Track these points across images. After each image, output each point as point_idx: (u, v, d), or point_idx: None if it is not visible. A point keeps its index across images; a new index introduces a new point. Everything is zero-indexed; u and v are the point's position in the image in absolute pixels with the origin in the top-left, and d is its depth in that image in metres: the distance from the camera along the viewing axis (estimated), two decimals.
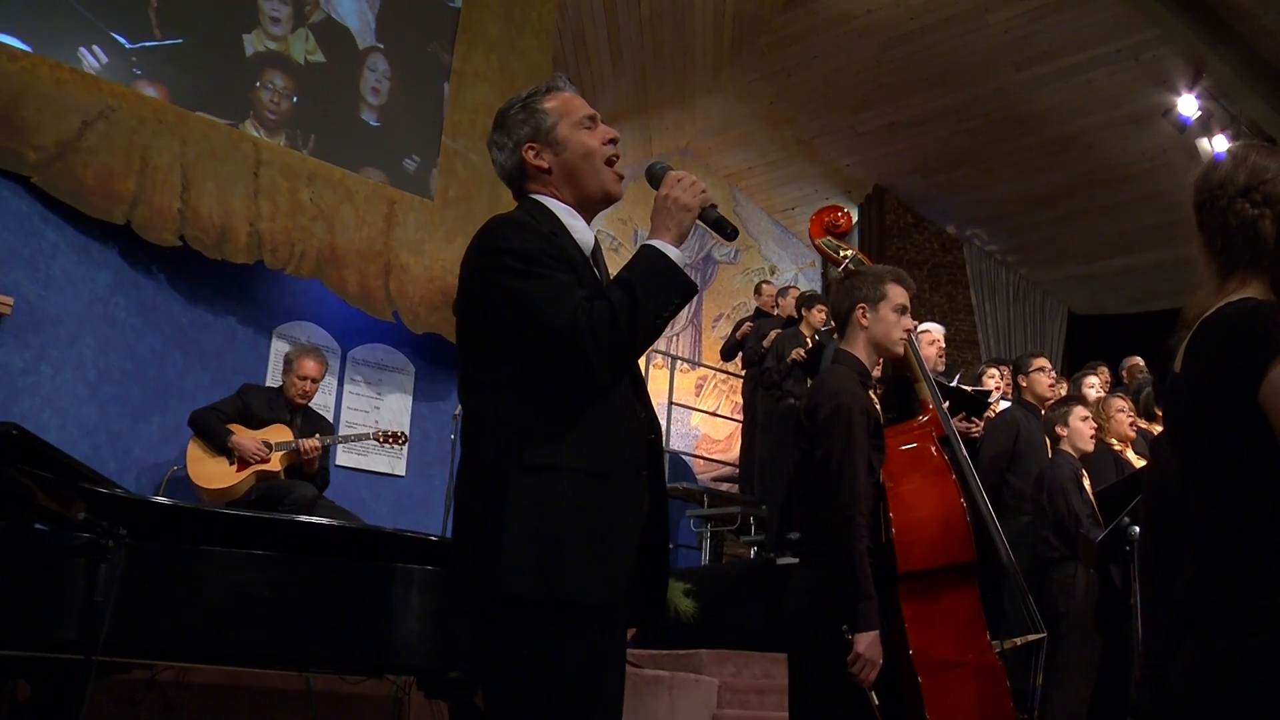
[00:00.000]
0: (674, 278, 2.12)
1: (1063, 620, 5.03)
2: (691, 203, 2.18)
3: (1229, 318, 1.86)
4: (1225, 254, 1.97)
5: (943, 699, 3.13)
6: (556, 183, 2.31)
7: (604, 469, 2.12)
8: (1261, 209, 1.93)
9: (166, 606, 3.43)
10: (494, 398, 2.16)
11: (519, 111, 2.35)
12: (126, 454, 5.70)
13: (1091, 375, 6.94)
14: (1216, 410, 1.82)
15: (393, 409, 7.04)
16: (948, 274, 12.11)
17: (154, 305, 5.91)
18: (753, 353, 8.79)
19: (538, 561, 2.02)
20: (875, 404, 3.45)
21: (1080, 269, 11.80)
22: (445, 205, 7.03)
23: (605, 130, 2.35)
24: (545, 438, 2.09)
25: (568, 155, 2.30)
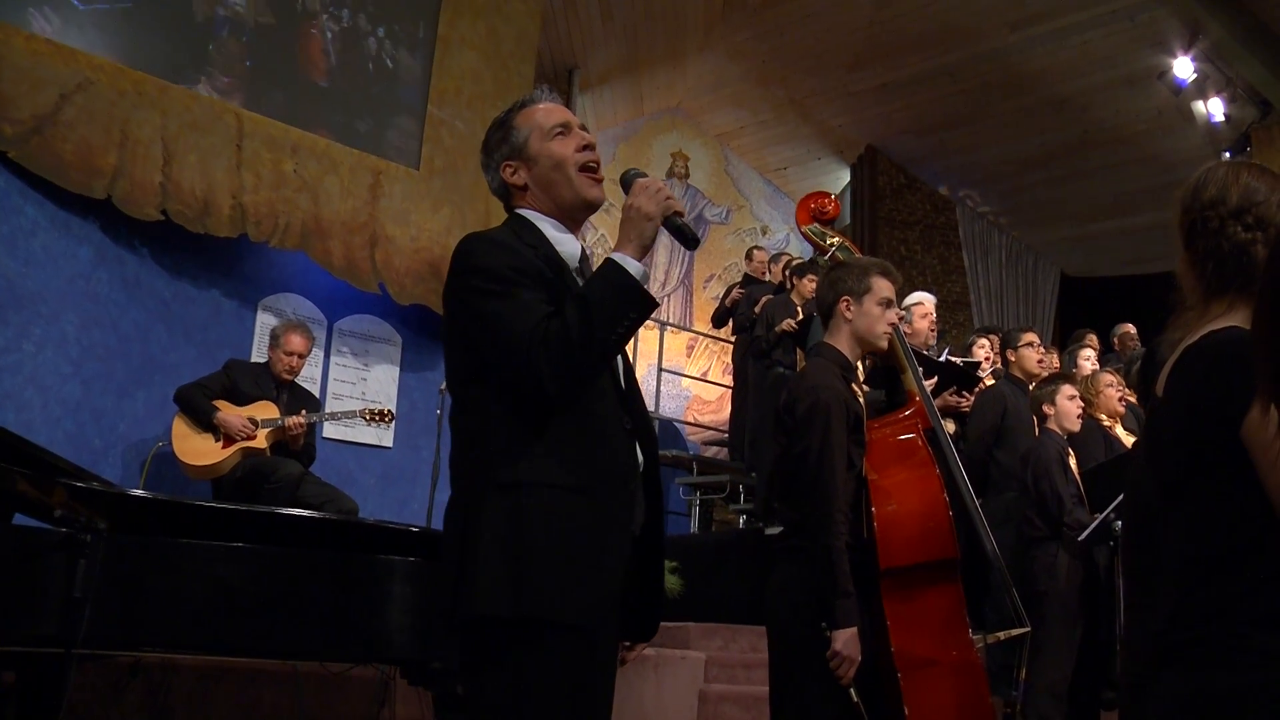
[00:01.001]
0: (631, 293, 2.07)
1: (1045, 599, 5.03)
2: (654, 211, 2.12)
3: (1212, 349, 1.82)
4: (1215, 278, 1.93)
5: (922, 696, 3.13)
6: (535, 197, 2.30)
7: (583, 484, 2.10)
8: (1254, 233, 1.89)
9: (148, 600, 3.43)
10: (474, 417, 2.17)
11: (496, 131, 2.35)
12: (111, 431, 5.67)
13: (1087, 349, 6.90)
14: (1198, 444, 1.79)
15: (379, 380, 7.01)
16: (940, 235, 12.05)
17: (137, 280, 5.86)
18: (743, 319, 8.75)
19: (512, 580, 2.01)
20: (858, 397, 3.41)
21: (1073, 231, 11.75)
22: (431, 175, 6.95)
23: (578, 137, 2.31)
24: (521, 455, 2.08)
25: (540, 168, 2.28)
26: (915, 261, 12.02)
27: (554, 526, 2.05)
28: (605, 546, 2.12)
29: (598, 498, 2.12)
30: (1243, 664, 1.69)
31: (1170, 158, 10.19)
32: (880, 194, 11.93)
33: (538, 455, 2.08)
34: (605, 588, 2.11)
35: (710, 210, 12.66)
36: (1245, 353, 1.74)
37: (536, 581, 2.01)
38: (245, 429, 5.55)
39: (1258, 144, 9.45)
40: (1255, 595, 1.71)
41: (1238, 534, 1.74)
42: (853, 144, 12.00)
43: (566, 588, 2.03)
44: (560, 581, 2.03)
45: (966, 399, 6.26)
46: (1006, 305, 11.83)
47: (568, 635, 2.04)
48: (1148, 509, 1.94)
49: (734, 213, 12.79)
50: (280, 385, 5.83)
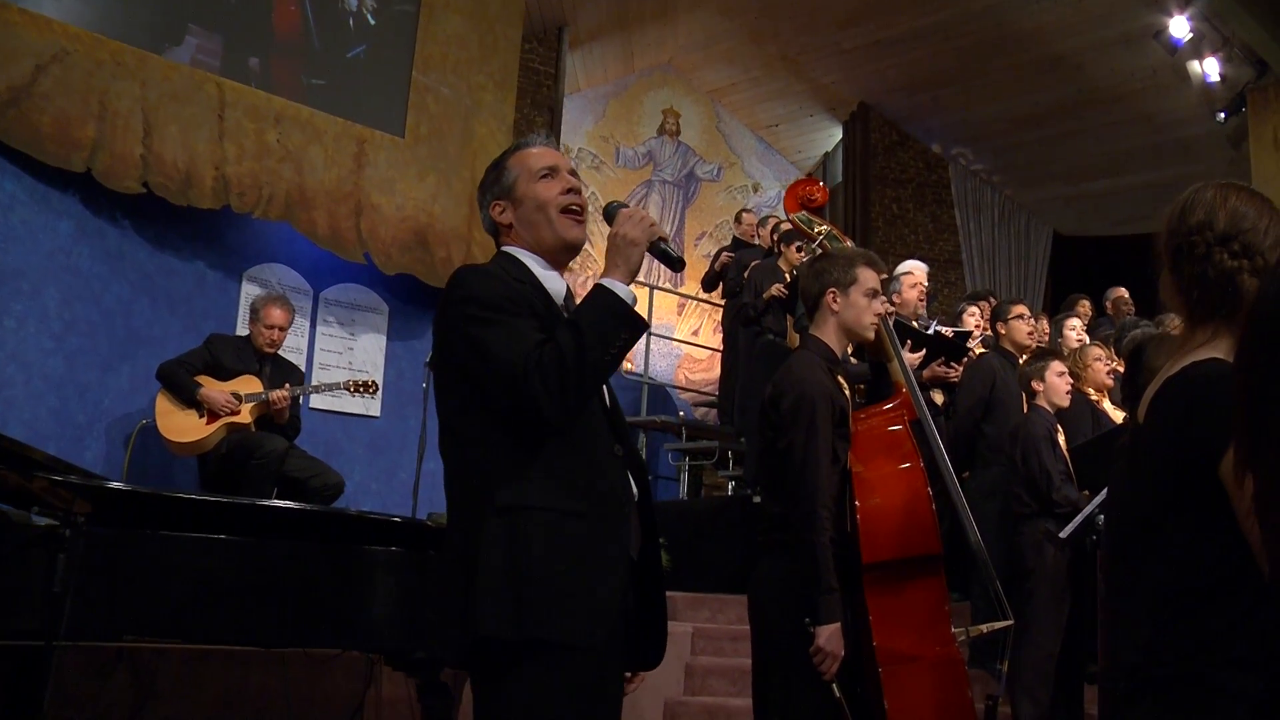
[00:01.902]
0: (621, 315, 2.13)
1: (1032, 576, 5.05)
2: (639, 237, 2.20)
3: (1193, 385, 1.80)
4: (1199, 304, 1.91)
5: (903, 691, 3.13)
6: (520, 235, 2.37)
7: (580, 507, 2.14)
8: (1240, 260, 1.86)
9: (129, 592, 3.42)
10: (468, 447, 2.21)
11: (491, 171, 2.45)
12: (96, 406, 5.64)
13: (1073, 318, 6.87)
14: (1177, 481, 1.78)
15: (366, 349, 6.97)
16: (932, 193, 11.98)
17: (119, 253, 5.80)
18: (733, 284, 8.69)
19: (512, 602, 2.04)
20: (844, 389, 3.39)
21: (1067, 190, 11.68)
22: (417, 143, 6.87)
23: (564, 180, 2.37)
24: (517, 479, 2.12)
25: (524, 209, 2.36)
26: (907, 220, 11.96)
27: (554, 549, 2.09)
28: (605, 569, 2.15)
29: (596, 522, 2.16)
30: (1218, 707, 1.69)
31: (1165, 117, 10.11)
32: (872, 152, 11.84)
33: (533, 480, 2.13)
34: (606, 609, 2.14)
35: (701, 168, 12.56)
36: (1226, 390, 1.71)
37: (538, 603, 2.05)
38: (229, 404, 5.52)
39: (1253, 105, 9.36)
40: (1231, 635, 1.71)
41: (1214, 571, 1.73)
42: (845, 101, 11.88)
43: (568, 609, 2.07)
44: (561, 603, 2.07)
45: (955, 369, 6.25)
46: (998, 264, 11.79)
47: (571, 656, 2.07)
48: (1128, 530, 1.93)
49: (725, 170, 12.69)
50: (263, 358, 5.80)
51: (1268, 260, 1.84)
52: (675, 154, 12.45)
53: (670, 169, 12.46)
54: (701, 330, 12.32)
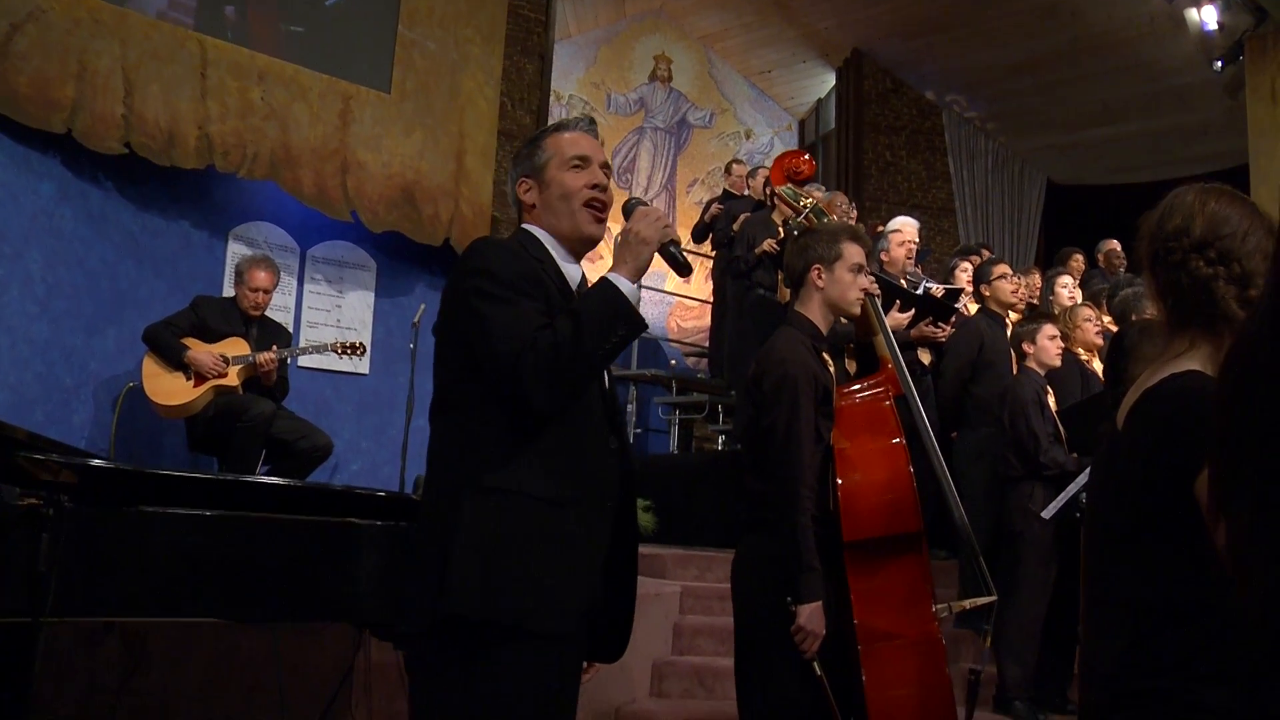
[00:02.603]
0: (621, 310, 2.13)
1: (1020, 539, 5.08)
2: (651, 236, 2.19)
3: (1171, 400, 1.78)
4: (1176, 312, 1.89)
5: (882, 669, 3.16)
6: (541, 218, 2.36)
7: (564, 497, 2.15)
8: (1216, 267, 1.82)
9: (115, 569, 3.41)
10: (459, 419, 2.21)
11: (526, 146, 2.44)
12: (82, 369, 5.62)
13: (1065, 275, 6.85)
14: (1152, 495, 1.77)
15: (354, 307, 6.95)
16: (926, 141, 11.88)
17: (102, 214, 5.75)
18: (723, 235, 8.64)
19: (483, 583, 2.05)
20: (828, 366, 3.38)
21: (1061, 138, 11.57)
22: (403, 99, 6.79)
23: (593, 174, 2.36)
24: (505, 461, 2.12)
25: (549, 194, 2.35)
26: (900, 167, 11.87)
27: (530, 536, 2.10)
28: (579, 560, 2.16)
29: (577, 513, 2.17)
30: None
31: (1162, 66, 9.99)
32: (866, 99, 11.72)
33: (520, 464, 2.13)
34: (575, 600, 2.15)
35: (694, 114, 12.44)
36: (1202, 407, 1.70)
37: (507, 587, 2.06)
38: (216, 367, 5.50)
39: (1250, 53, 9.25)
40: (1206, 651, 1.71)
41: (1189, 587, 1.73)
42: (838, 47, 11.74)
43: (536, 596, 2.08)
44: (531, 590, 2.07)
45: (943, 329, 6.24)
46: (992, 213, 11.73)
47: (535, 643, 2.08)
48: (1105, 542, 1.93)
49: (717, 116, 12.57)
50: (249, 320, 5.77)
51: (1244, 267, 1.81)
52: (667, 100, 12.33)
53: (662, 115, 12.35)
54: (693, 277, 12.27)
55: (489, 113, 7.28)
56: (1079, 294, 6.79)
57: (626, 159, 12.26)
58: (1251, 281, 1.81)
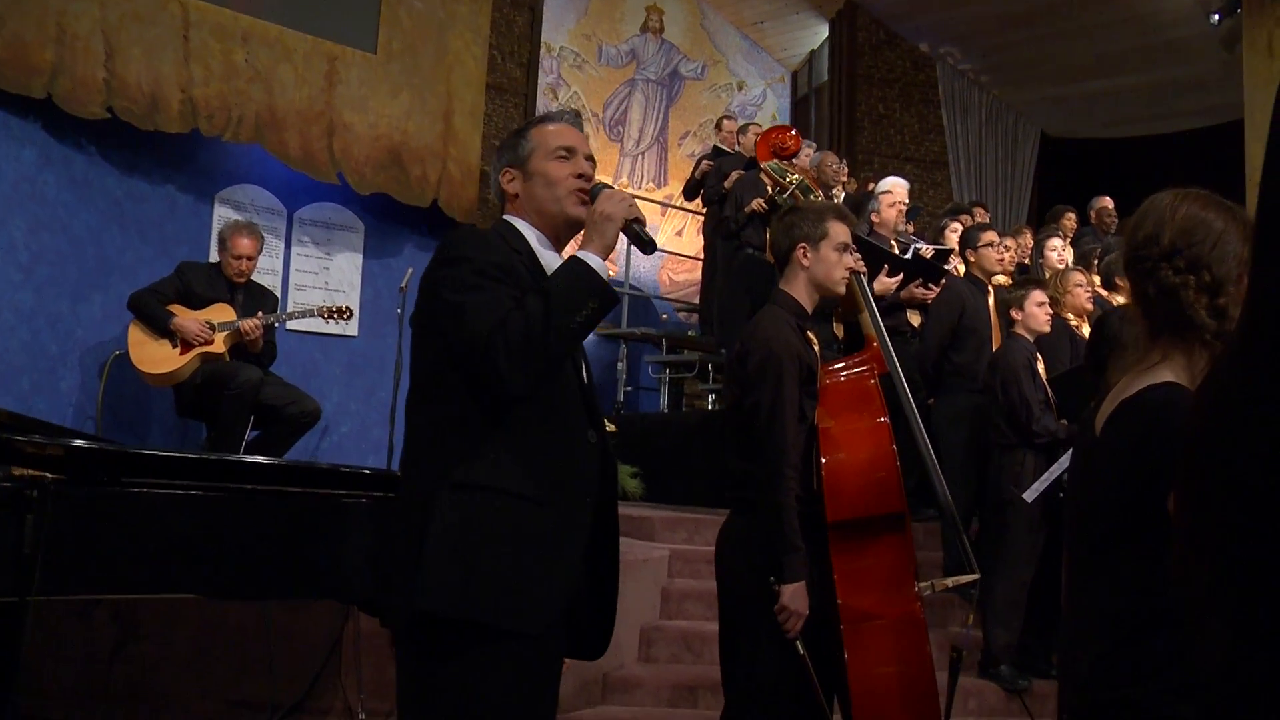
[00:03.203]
0: (591, 284, 2.13)
1: (1009, 507, 5.09)
2: (616, 214, 2.21)
3: (1146, 412, 1.78)
4: (1149, 320, 1.88)
5: (864, 649, 3.18)
6: (524, 209, 2.37)
7: (542, 494, 2.14)
8: (1185, 276, 1.81)
9: (101, 549, 3.42)
10: (435, 414, 2.19)
11: (510, 138, 2.44)
12: (68, 336, 5.60)
13: (1055, 237, 6.81)
14: (1127, 506, 1.78)
15: (342, 269, 6.91)
16: (919, 93, 11.77)
17: (86, 180, 5.69)
18: (713, 192, 8.59)
19: (458, 581, 2.04)
20: (813, 344, 3.38)
21: (1056, 91, 11.47)
22: (389, 59, 6.71)
23: (578, 164, 2.37)
24: (482, 457, 2.11)
25: (533, 184, 2.35)
26: (893, 120, 11.78)
27: (507, 534, 2.09)
28: (556, 558, 2.15)
29: (555, 510, 2.15)
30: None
31: (1158, 18, 9.89)
32: (859, 50, 11.60)
33: (498, 459, 2.11)
34: (552, 598, 2.14)
35: (685, 66, 12.32)
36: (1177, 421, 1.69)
37: (483, 586, 2.05)
38: (202, 334, 5.47)
39: (1248, 6, 9.16)
40: (1173, 662, 1.72)
41: (1160, 598, 1.74)
42: None
43: (512, 595, 2.07)
44: (508, 589, 2.07)
45: (932, 290, 6.23)
46: (985, 166, 11.66)
47: (511, 642, 2.08)
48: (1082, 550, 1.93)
49: (709, 68, 12.44)
50: (235, 286, 5.73)
51: (1215, 275, 1.80)
52: (659, 52, 12.20)
53: (653, 67, 12.23)
54: (685, 230, 12.22)
55: (477, 72, 7.20)
56: (1070, 255, 6.76)
57: (618, 111, 12.15)
58: (1222, 289, 1.80)
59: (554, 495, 2.15)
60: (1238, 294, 1.81)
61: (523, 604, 2.08)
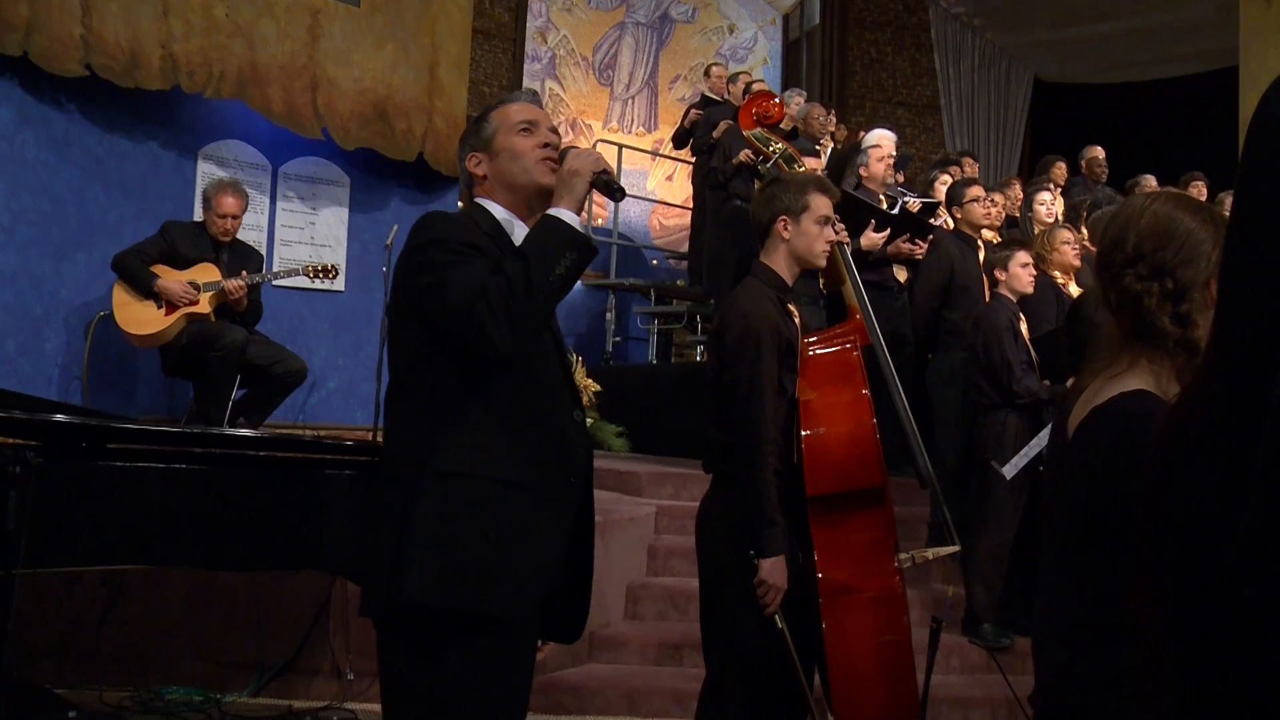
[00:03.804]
0: (568, 236, 2.14)
1: (991, 468, 5.12)
2: (583, 168, 2.21)
3: (1115, 423, 1.77)
4: (1117, 324, 1.88)
5: (842, 622, 3.22)
6: (493, 188, 2.37)
7: (524, 478, 2.16)
8: (1147, 283, 1.80)
9: (85, 523, 3.46)
10: (414, 403, 2.20)
11: (471, 125, 2.44)
12: (52, 297, 5.57)
13: (1044, 191, 6.77)
14: (1095, 516, 1.79)
15: (328, 224, 6.88)
16: (911, 37, 11.69)
17: (66, 139, 5.63)
18: (702, 142, 8.55)
19: (438, 569, 2.07)
20: (794, 317, 3.38)
21: (1049, 35, 11.38)
22: (373, 11, 6.61)
23: (543, 135, 2.37)
24: (462, 444, 2.13)
25: (499, 160, 2.35)
26: (885, 64, 11.70)
27: (489, 520, 2.11)
28: (539, 543, 2.18)
29: (537, 493, 2.18)
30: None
31: None
32: None
33: (478, 445, 2.13)
34: (534, 583, 2.17)
35: (676, 9, 12.19)
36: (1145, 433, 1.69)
37: (463, 574, 2.07)
38: (187, 294, 5.45)
39: None
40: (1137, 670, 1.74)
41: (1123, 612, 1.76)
42: None
43: (496, 581, 2.09)
44: (489, 574, 2.09)
45: (920, 246, 6.22)
46: (977, 111, 11.59)
47: (492, 629, 2.11)
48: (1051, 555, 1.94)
49: (700, 11, 12.32)
50: (219, 245, 5.70)
51: (1179, 282, 1.78)
52: None
53: (643, 10, 12.10)
54: (676, 175, 12.16)
55: (462, 23, 7.11)
56: (1059, 208, 6.72)
57: (607, 56, 12.05)
58: (1186, 296, 1.78)
59: (538, 478, 2.18)
60: (1204, 299, 1.80)
61: (504, 590, 2.10)
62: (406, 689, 2.16)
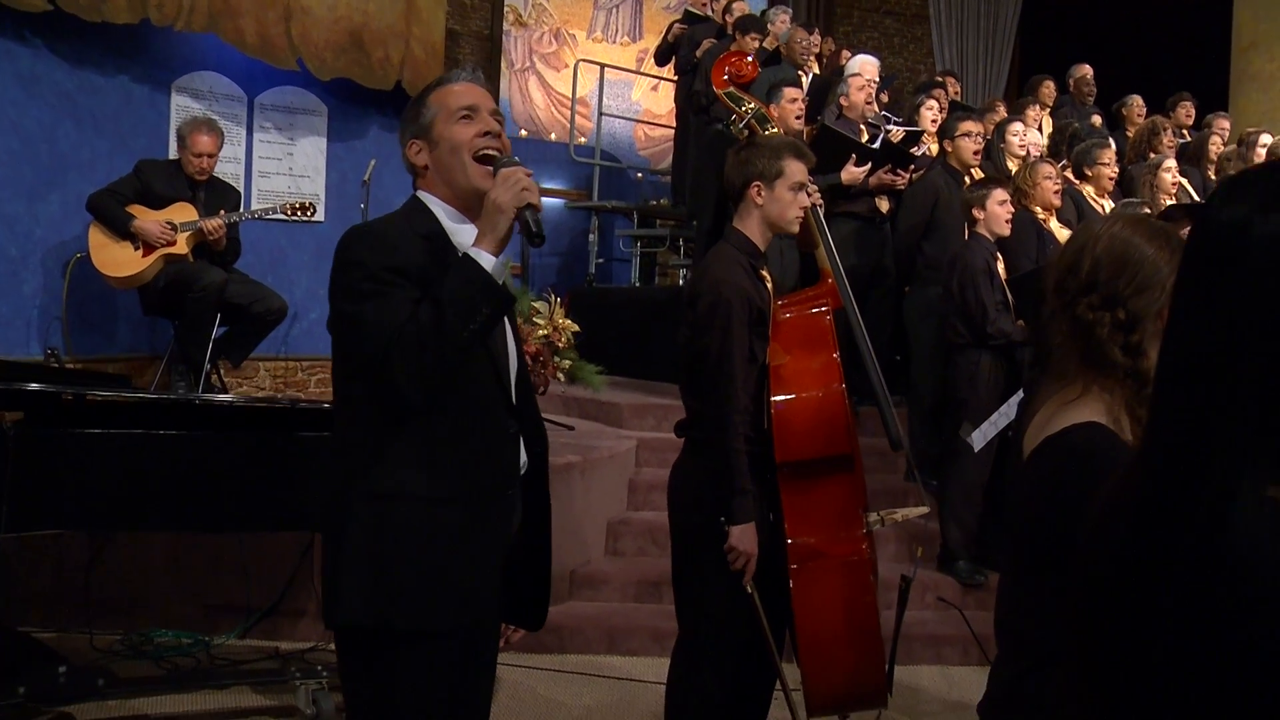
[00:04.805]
0: (484, 289, 2.07)
1: (965, 406, 5.17)
2: (506, 203, 2.10)
3: (1063, 458, 1.78)
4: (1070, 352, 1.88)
5: (810, 587, 3.27)
6: (434, 180, 2.28)
7: (454, 494, 2.16)
8: (1099, 313, 1.80)
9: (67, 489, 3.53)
10: (347, 422, 2.20)
11: (412, 107, 2.33)
12: (27, 237, 5.53)
13: (1017, 122, 6.69)
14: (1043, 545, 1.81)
15: (306, 153, 6.81)
16: None
17: (34, 75, 5.53)
18: (684, 62, 8.42)
19: (372, 590, 2.10)
20: (767, 283, 3.39)
21: None
22: None
23: (483, 121, 2.26)
24: (390, 464, 2.13)
25: (439, 151, 2.26)
26: None
27: (422, 539, 2.12)
28: (474, 555, 2.19)
29: (469, 507, 2.18)
30: None
31: None
32: None
33: (406, 464, 2.13)
34: (474, 595, 2.21)
35: None
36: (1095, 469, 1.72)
37: (399, 593, 2.10)
38: (164, 235, 5.41)
39: None
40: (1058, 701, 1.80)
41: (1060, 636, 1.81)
42: None
43: (430, 598, 2.13)
44: (423, 592, 2.12)
45: (901, 176, 6.19)
46: (966, 22, 11.41)
47: (434, 642, 2.15)
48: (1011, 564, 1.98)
49: None
50: (195, 184, 5.65)
51: (1130, 312, 1.78)
52: None
53: None
54: (661, 86, 11.98)
55: None
56: (1032, 139, 6.64)
57: None
58: (1137, 326, 1.78)
59: (468, 492, 2.18)
60: (1157, 328, 1.81)
61: (443, 604, 2.14)
62: (362, 701, 2.22)
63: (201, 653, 4.63)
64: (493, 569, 2.25)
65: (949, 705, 4.64)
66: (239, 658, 4.60)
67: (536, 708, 4.38)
